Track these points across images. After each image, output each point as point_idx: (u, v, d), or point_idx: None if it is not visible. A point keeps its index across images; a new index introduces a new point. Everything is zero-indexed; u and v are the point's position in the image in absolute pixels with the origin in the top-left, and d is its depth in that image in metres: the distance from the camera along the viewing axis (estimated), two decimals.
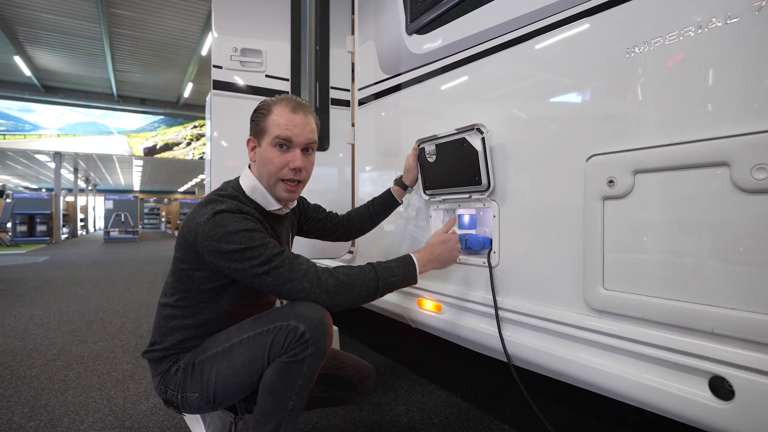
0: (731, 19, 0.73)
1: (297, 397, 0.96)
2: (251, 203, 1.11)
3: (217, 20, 1.98)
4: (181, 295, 1.08)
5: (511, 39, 1.15)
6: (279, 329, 0.95)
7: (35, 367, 2.10)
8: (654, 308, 0.83)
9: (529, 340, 1.10)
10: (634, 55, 0.87)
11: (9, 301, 3.73)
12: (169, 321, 1.09)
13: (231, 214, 0.99)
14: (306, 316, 0.95)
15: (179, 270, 1.06)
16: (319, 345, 0.95)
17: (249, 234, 0.97)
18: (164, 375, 1.07)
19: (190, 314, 1.08)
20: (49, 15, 7.99)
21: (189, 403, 1.04)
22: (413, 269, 1.08)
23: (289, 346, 0.93)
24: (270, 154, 1.08)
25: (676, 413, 0.81)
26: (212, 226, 0.96)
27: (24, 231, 11.80)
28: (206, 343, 1.07)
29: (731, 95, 0.74)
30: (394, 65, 1.67)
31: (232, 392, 1.01)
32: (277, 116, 1.08)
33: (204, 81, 11.16)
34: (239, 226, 0.97)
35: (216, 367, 1.00)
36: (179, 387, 1.05)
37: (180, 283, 1.07)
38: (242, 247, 0.95)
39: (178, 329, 1.08)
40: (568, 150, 1.02)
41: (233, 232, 0.96)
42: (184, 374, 1.04)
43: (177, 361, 1.08)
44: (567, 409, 1.63)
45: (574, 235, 1.00)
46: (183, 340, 1.08)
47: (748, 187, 0.70)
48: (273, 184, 1.10)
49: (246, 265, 0.95)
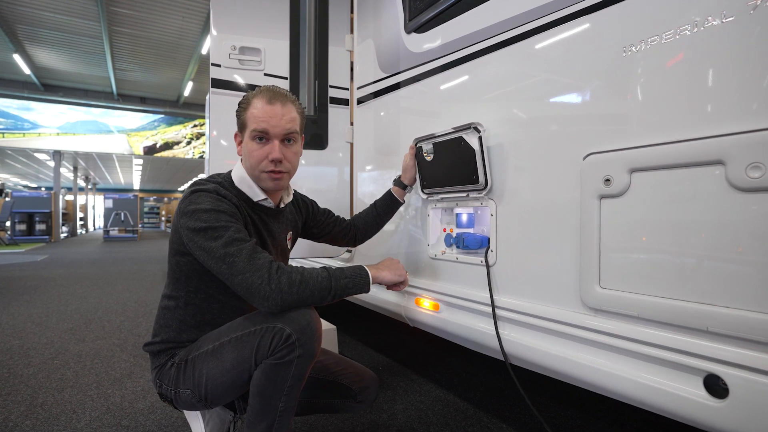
0: (727, 18, 0.73)
1: (287, 399, 0.96)
2: (235, 191, 1.11)
3: (215, 18, 1.98)
4: (174, 284, 1.09)
5: (508, 38, 1.15)
6: (265, 331, 0.94)
7: (33, 365, 2.10)
8: (649, 307, 0.83)
9: (526, 338, 1.10)
10: (631, 54, 0.87)
11: (7, 300, 3.73)
12: (165, 312, 1.10)
13: (207, 193, 1.01)
14: (292, 318, 0.94)
15: (170, 258, 1.08)
16: (306, 346, 0.94)
17: (216, 214, 0.97)
18: (160, 369, 1.08)
19: (182, 305, 1.08)
20: (48, 13, 7.98)
21: (182, 399, 1.04)
22: (365, 274, 1.07)
23: (275, 348, 0.93)
24: (250, 147, 1.08)
25: (671, 411, 0.81)
26: (187, 204, 0.99)
27: (23, 230, 11.81)
28: (200, 340, 1.07)
29: (727, 94, 0.74)
30: (393, 64, 1.66)
31: (223, 391, 1.00)
32: (254, 109, 1.07)
33: (204, 80, 11.15)
34: (209, 205, 0.98)
35: (206, 365, 1.00)
36: (173, 382, 1.05)
37: (171, 271, 1.09)
38: (205, 226, 0.95)
39: (173, 320, 1.09)
40: (565, 148, 1.02)
41: (202, 210, 0.97)
42: (177, 370, 1.04)
43: (173, 356, 1.08)
44: (565, 408, 1.63)
45: (571, 234, 1.00)
46: (179, 332, 1.08)
47: (743, 185, 0.70)
48: (257, 175, 1.10)
49: (206, 245, 0.95)
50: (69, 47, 9.55)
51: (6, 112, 11.80)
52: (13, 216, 11.38)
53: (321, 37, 2.12)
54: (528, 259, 1.13)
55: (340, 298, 1.02)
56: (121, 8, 7.84)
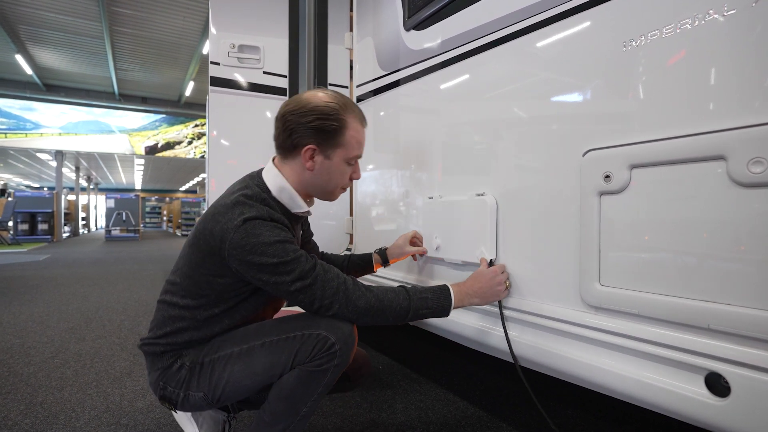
0: (728, 12, 0.72)
1: (312, 404, 0.96)
2: (278, 206, 1.04)
3: (215, 16, 1.98)
4: (197, 301, 1.00)
5: (508, 34, 1.15)
6: (308, 337, 0.93)
7: (33, 364, 2.10)
8: (650, 304, 0.82)
9: (526, 336, 1.09)
10: (631, 49, 0.86)
11: (9, 299, 3.73)
12: (176, 322, 1.01)
13: (262, 222, 0.93)
14: (336, 327, 0.94)
15: (197, 275, 0.99)
16: (344, 356, 0.94)
17: (282, 246, 0.92)
18: (165, 371, 1.01)
19: (201, 319, 1.01)
20: (50, 13, 8.00)
21: (190, 402, 1.00)
22: (448, 304, 1.03)
23: (316, 354, 0.92)
24: (342, 169, 1.06)
25: (673, 410, 0.80)
26: (242, 235, 0.90)
27: (25, 230, 11.84)
28: (216, 342, 1.02)
29: (728, 88, 0.73)
30: (392, 62, 1.66)
31: (241, 393, 0.99)
32: (355, 132, 1.05)
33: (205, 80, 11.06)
34: (272, 237, 0.91)
35: (230, 368, 0.97)
36: (183, 385, 1.00)
37: (196, 287, 0.99)
38: (276, 261, 0.90)
39: (186, 331, 1.01)
40: (564, 145, 1.01)
41: (266, 244, 0.90)
42: (190, 373, 0.99)
43: (180, 356, 1.02)
44: (565, 407, 1.62)
45: (570, 231, 0.99)
46: (190, 341, 1.02)
47: (745, 180, 0.69)
48: (331, 191, 1.09)
49: (278, 279, 0.91)
50: (71, 47, 9.58)
51: (8, 113, 11.83)
52: (16, 216, 11.42)
53: (320, 35, 2.12)
54: (527, 256, 1.12)
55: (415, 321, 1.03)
56: (123, 8, 7.86)
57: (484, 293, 1.08)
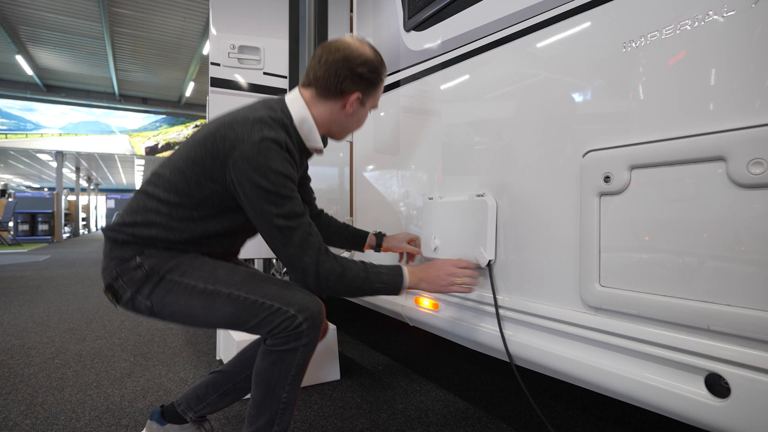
0: (728, 12, 0.72)
1: (290, 389, 0.97)
2: (295, 134, 1.07)
3: (215, 17, 1.98)
4: (179, 198, 0.99)
5: (508, 35, 1.15)
6: (276, 311, 0.94)
7: (33, 365, 2.10)
8: (650, 305, 0.82)
9: (525, 337, 1.09)
10: (631, 50, 0.86)
11: (9, 300, 3.73)
12: (149, 214, 1.00)
13: (279, 148, 0.94)
14: (306, 305, 0.96)
15: (190, 171, 0.98)
16: (312, 336, 0.96)
17: (284, 180, 0.94)
18: (122, 263, 1.00)
19: (176, 219, 1.00)
20: (50, 14, 8.01)
21: (134, 304, 1.00)
22: (401, 282, 1.06)
23: (282, 331, 0.94)
24: (363, 114, 1.17)
25: (672, 411, 0.80)
26: (255, 152, 0.92)
27: (26, 230, 11.85)
28: (183, 263, 1.00)
29: (728, 89, 0.73)
30: (393, 62, 1.66)
31: (186, 324, 1.01)
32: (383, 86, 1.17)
33: (205, 80, 11.16)
34: (280, 167, 0.93)
35: (189, 300, 0.97)
36: (134, 285, 0.98)
37: (184, 184, 0.99)
38: (272, 189, 0.92)
39: (155, 226, 1.00)
40: (564, 146, 1.01)
41: (272, 170, 0.92)
42: (147, 278, 0.98)
43: (141, 253, 0.99)
44: (565, 407, 1.62)
45: (570, 232, 0.99)
46: (155, 238, 1.00)
47: (745, 181, 0.69)
48: (346, 129, 1.16)
49: (265, 208, 0.93)
50: (71, 48, 9.59)
51: (9, 113, 11.84)
52: (16, 216, 11.43)
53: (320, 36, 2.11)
54: (528, 256, 1.12)
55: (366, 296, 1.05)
56: (123, 9, 7.87)
57: (432, 281, 1.10)
